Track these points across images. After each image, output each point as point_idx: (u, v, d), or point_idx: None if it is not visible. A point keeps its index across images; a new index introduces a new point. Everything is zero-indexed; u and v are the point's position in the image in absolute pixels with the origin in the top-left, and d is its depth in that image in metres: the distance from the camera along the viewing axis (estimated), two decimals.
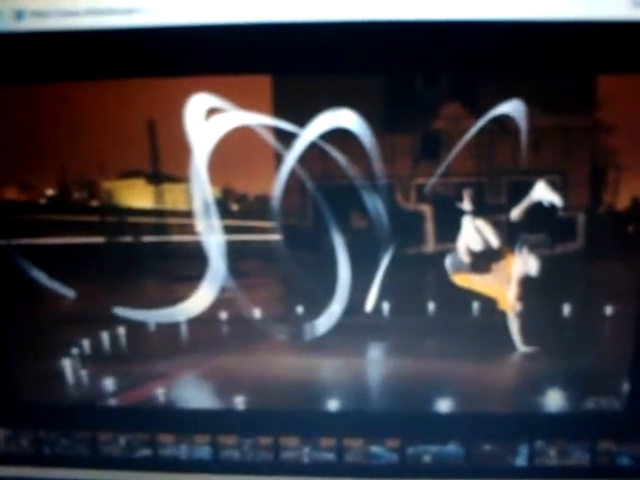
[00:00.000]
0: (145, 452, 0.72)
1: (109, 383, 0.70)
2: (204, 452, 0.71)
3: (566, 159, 0.64)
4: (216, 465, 0.71)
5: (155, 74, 0.61)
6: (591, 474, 0.69)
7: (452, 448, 0.69)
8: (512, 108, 0.60)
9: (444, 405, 0.68)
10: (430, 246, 0.66)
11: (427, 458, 0.70)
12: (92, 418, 0.72)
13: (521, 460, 0.69)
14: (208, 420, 0.71)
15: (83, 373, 0.71)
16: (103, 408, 0.71)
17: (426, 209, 0.65)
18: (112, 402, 0.71)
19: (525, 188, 0.64)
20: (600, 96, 0.60)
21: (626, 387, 0.67)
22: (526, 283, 0.67)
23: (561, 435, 0.68)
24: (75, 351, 0.70)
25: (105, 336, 0.70)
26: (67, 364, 0.70)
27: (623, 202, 0.63)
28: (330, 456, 0.70)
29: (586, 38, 0.57)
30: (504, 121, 0.61)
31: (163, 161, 0.64)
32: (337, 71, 0.60)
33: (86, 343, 0.70)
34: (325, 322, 0.67)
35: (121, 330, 0.70)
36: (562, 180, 0.64)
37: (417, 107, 0.62)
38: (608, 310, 0.66)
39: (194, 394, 0.71)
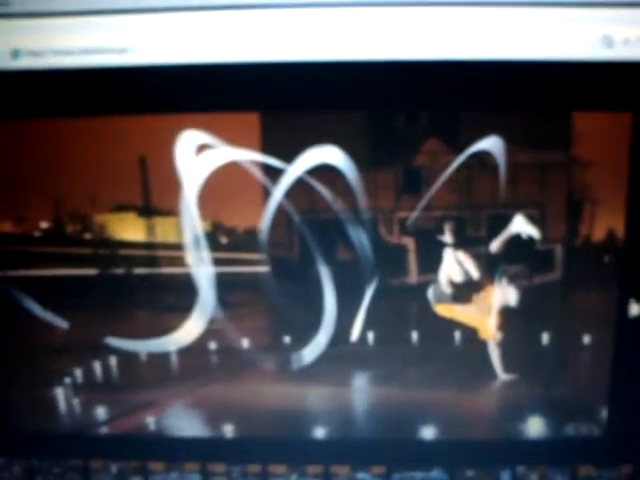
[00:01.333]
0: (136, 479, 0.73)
1: (101, 412, 0.71)
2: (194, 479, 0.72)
3: (543, 193, 0.66)
4: None
5: (147, 111, 0.62)
6: None
7: (436, 474, 0.71)
8: (491, 144, 0.62)
9: (428, 432, 0.69)
10: (413, 277, 0.68)
11: None
12: (84, 446, 0.73)
13: None
14: (198, 448, 0.72)
15: (75, 402, 0.71)
16: (95, 436, 0.72)
17: (409, 242, 0.67)
18: (104, 430, 0.72)
19: (504, 221, 0.66)
20: (576, 133, 0.62)
21: (604, 413, 0.68)
22: (506, 313, 0.68)
23: (542, 460, 0.70)
24: (68, 380, 0.71)
25: (97, 366, 0.71)
26: (60, 393, 0.71)
27: (599, 234, 0.65)
28: None
29: (561, 77, 0.59)
30: (483, 157, 0.63)
31: (154, 195, 0.66)
32: (322, 109, 0.63)
33: (78, 372, 0.71)
34: (311, 351, 0.68)
35: (113, 360, 0.71)
36: (540, 213, 0.66)
37: (399, 143, 0.64)
38: (586, 339, 0.68)
39: (184, 422, 0.72)
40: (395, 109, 0.64)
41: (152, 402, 0.72)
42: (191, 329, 0.68)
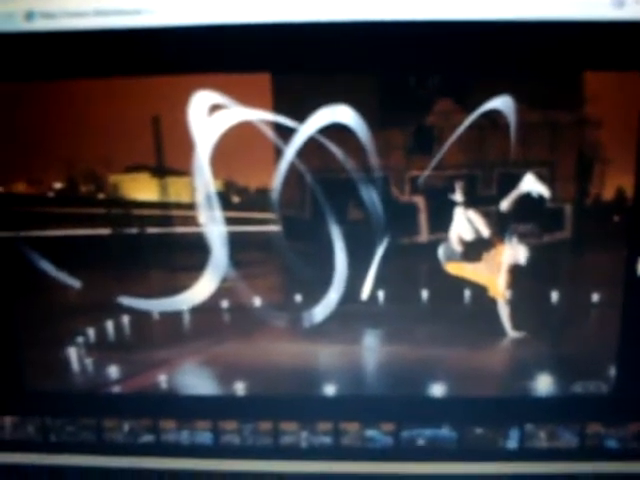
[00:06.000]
0: (148, 438, 0.74)
1: (113, 371, 0.72)
2: (205, 437, 0.73)
3: (554, 152, 0.66)
4: (217, 450, 0.73)
5: (160, 72, 0.63)
6: (580, 456, 0.72)
7: (445, 431, 0.72)
8: (502, 104, 0.62)
9: (437, 390, 0.70)
10: (423, 236, 0.68)
11: (421, 441, 0.72)
12: (97, 405, 0.74)
13: (512, 443, 0.72)
14: (209, 406, 0.73)
15: (88, 361, 0.72)
16: (107, 395, 0.73)
17: (420, 201, 0.67)
18: (116, 389, 0.73)
19: (514, 180, 0.66)
20: (586, 92, 0.63)
21: (612, 371, 0.69)
22: (515, 271, 0.69)
23: (550, 418, 0.71)
24: (80, 340, 0.72)
25: (110, 325, 0.72)
26: (73, 352, 0.72)
27: (608, 193, 0.65)
28: (327, 440, 0.72)
29: (572, 37, 0.59)
30: (494, 116, 0.63)
31: (167, 155, 0.66)
32: (334, 69, 0.63)
33: (91, 332, 0.72)
34: (322, 310, 0.69)
35: (125, 319, 0.71)
36: (550, 172, 0.66)
37: (411, 103, 0.64)
38: (594, 297, 0.68)
39: (196, 381, 0.72)
40: (407, 69, 0.64)
41: (164, 361, 0.72)
42: (203, 288, 0.69)
